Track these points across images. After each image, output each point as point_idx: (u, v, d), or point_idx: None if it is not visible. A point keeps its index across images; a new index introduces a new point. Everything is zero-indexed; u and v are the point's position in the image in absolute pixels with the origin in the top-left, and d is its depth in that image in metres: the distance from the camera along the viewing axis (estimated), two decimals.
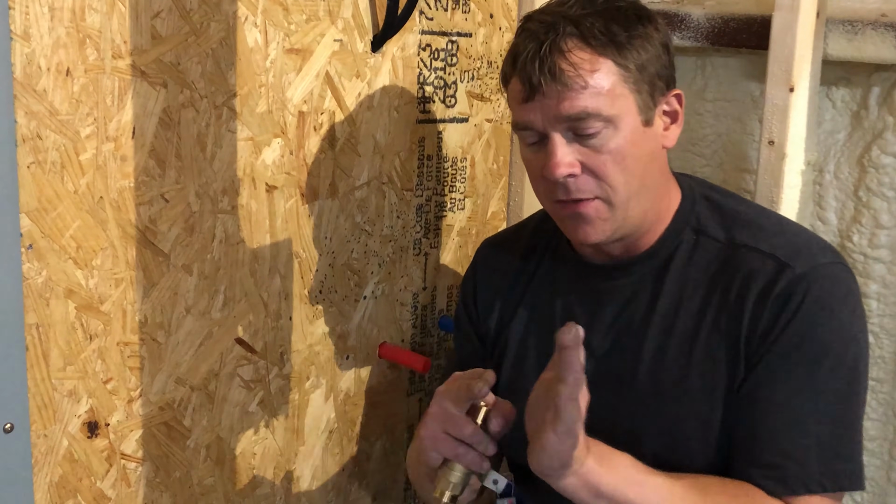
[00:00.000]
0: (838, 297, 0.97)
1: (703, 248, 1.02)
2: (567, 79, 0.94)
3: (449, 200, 1.45)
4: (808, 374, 0.95)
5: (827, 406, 0.95)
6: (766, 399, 0.96)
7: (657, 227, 1.04)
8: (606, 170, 0.96)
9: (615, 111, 0.95)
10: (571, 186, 0.97)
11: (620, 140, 0.96)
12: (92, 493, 1.06)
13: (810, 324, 0.95)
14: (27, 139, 0.93)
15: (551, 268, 1.13)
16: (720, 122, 1.45)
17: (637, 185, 0.98)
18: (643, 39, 0.98)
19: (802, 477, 0.94)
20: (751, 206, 1.09)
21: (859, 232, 1.32)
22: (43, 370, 0.99)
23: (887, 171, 1.29)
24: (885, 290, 1.31)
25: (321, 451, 1.34)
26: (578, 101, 0.94)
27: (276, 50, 1.15)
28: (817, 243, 1.03)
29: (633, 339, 1.03)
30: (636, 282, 1.04)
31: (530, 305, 1.13)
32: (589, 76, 0.94)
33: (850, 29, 1.25)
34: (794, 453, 0.95)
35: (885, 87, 1.28)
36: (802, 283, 0.96)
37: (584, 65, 0.94)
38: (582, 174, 0.97)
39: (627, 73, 0.96)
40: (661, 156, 1.02)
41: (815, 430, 0.95)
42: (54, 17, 0.93)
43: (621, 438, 1.03)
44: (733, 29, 1.35)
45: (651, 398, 1.01)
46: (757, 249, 0.99)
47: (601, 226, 0.99)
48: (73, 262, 1.00)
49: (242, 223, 1.16)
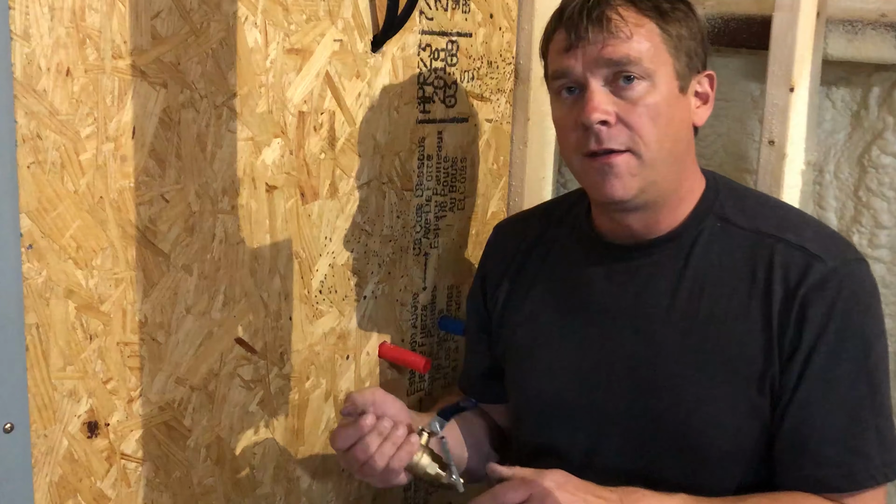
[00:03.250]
0: (870, 291, 1.00)
1: (728, 234, 1.03)
2: (613, 27, 0.97)
3: (449, 200, 1.45)
4: (858, 371, 0.97)
5: (880, 398, 0.98)
6: (823, 398, 0.97)
7: (681, 207, 1.04)
8: (641, 122, 0.98)
9: (654, 67, 0.98)
10: (604, 135, 0.98)
11: (657, 96, 0.98)
12: (92, 493, 1.06)
13: (851, 319, 0.97)
14: (27, 139, 0.93)
15: (568, 245, 1.14)
16: (720, 122, 1.45)
17: (668, 147, 0.99)
18: (684, 14, 1.01)
19: (870, 470, 0.96)
20: (771, 199, 1.12)
21: (859, 232, 1.32)
22: (43, 370, 0.99)
23: (887, 171, 1.29)
24: (885, 290, 1.31)
25: (321, 451, 1.34)
26: (622, 47, 0.97)
27: (276, 50, 1.15)
28: (841, 238, 1.05)
29: (654, 322, 1.03)
30: (656, 263, 1.05)
31: (543, 285, 1.14)
32: (633, 29, 0.98)
33: (850, 29, 1.25)
34: (859, 448, 0.96)
35: (885, 87, 1.28)
36: (835, 277, 0.97)
37: (630, 18, 0.98)
38: (616, 124, 0.98)
39: (668, 37, 0.99)
40: (690, 131, 1.04)
41: (874, 422, 0.97)
42: (54, 17, 0.94)
43: (634, 420, 1.03)
44: (733, 29, 1.36)
45: (671, 382, 1.01)
46: (784, 240, 1.00)
47: (629, 181, 0.99)
48: (73, 262, 1.00)
49: (242, 223, 1.16)
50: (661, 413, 1.01)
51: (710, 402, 0.99)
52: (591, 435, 1.06)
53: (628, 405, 1.04)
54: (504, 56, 1.49)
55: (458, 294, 1.49)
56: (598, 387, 1.06)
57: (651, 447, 1.03)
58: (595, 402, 1.06)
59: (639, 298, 1.05)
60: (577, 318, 1.09)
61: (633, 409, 1.03)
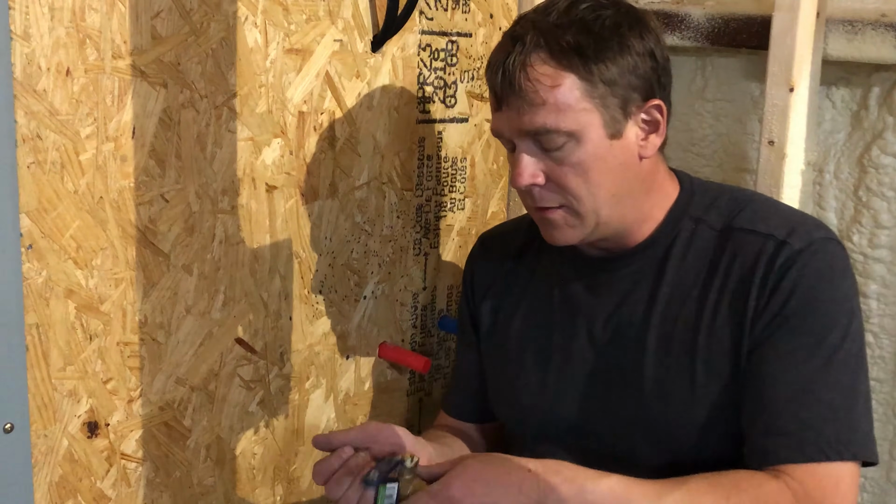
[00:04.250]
0: (837, 269, 0.98)
1: (701, 235, 1.03)
2: (526, 94, 0.96)
3: (449, 200, 1.45)
4: (816, 344, 0.95)
5: (838, 375, 0.95)
6: (778, 370, 0.95)
7: (648, 223, 1.04)
8: (568, 181, 0.98)
9: (577, 126, 0.96)
10: (536, 195, 1.00)
11: (582, 154, 0.97)
12: (92, 493, 1.06)
13: (813, 295, 0.96)
14: (27, 139, 0.93)
15: (550, 261, 1.13)
16: (720, 122, 1.45)
17: (605, 195, 0.99)
18: (617, 52, 0.97)
19: (819, 443, 0.93)
20: (747, 193, 1.10)
21: (859, 232, 1.32)
22: (43, 370, 0.99)
23: (887, 171, 1.29)
24: (885, 290, 1.31)
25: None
26: (538, 116, 0.96)
27: (276, 50, 1.15)
28: (812, 220, 1.04)
29: (636, 329, 1.03)
30: (636, 272, 1.05)
31: (530, 299, 1.14)
32: (548, 92, 0.95)
33: (850, 29, 1.25)
34: (809, 420, 0.94)
35: (885, 87, 1.28)
36: (801, 256, 0.96)
37: (545, 80, 0.95)
38: (547, 183, 0.99)
39: (593, 87, 0.96)
40: (637, 166, 1.01)
41: (828, 397, 0.94)
42: (54, 17, 0.94)
43: (625, 428, 1.03)
44: (733, 29, 1.35)
45: (656, 387, 1.01)
46: (755, 231, 1.00)
47: (570, 231, 1.01)
48: (73, 262, 1.00)
49: (242, 223, 1.16)
50: (649, 419, 1.01)
51: (696, 403, 0.99)
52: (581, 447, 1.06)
53: (614, 414, 1.04)
54: None
55: (458, 294, 1.49)
56: (586, 397, 1.06)
57: (641, 452, 1.02)
58: (584, 413, 1.06)
59: (620, 308, 1.05)
60: (563, 332, 1.09)
61: (620, 418, 1.03)
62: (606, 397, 1.05)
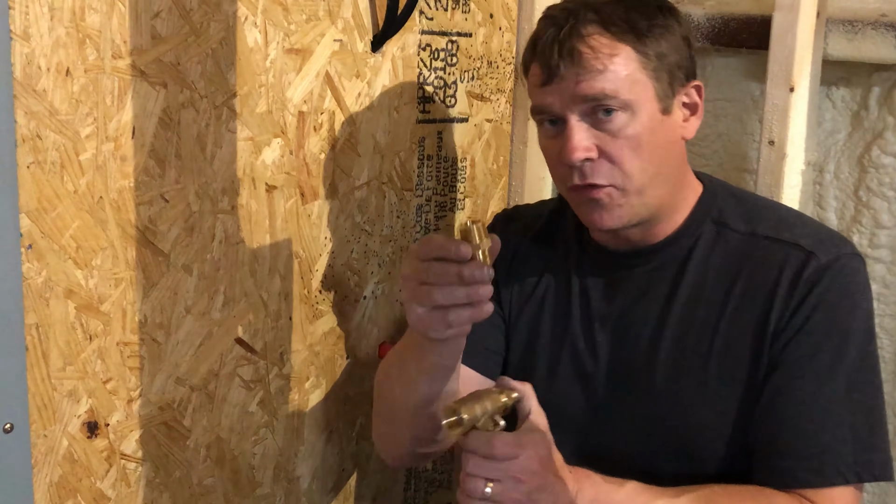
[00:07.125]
0: (861, 287, 0.99)
1: (725, 239, 1.03)
2: (585, 61, 0.95)
3: (449, 200, 1.45)
4: (838, 362, 0.95)
5: (859, 395, 0.96)
6: (797, 389, 0.95)
7: (677, 216, 1.04)
8: (623, 154, 0.97)
9: (633, 95, 0.96)
10: (587, 171, 0.98)
11: (638, 126, 0.97)
12: (92, 493, 1.06)
13: (836, 313, 0.96)
14: (27, 139, 0.93)
15: (569, 253, 1.13)
16: (720, 122, 1.45)
17: (653, 172, 0.98)
18: (663, 29, 0.99)
19: (839, 466, 0.93)
20: (769, 201, 1.11)
21: (859, 232, 1.32)
22: (43, 370, 0.99)
23: (887, 171, 1.29)
24: (885, 290, 1.31)
25: (321, 451, 1.34)
26: (596, 82, 0.95)
27: (276, 50, 1.15)
28: (838, 234, 1.04)
29: (651, 328, 1.03)
30: (654, 270, 1.05)
31: (545, 290, 1.13)
32: (608, 59, 0.95)
33: (850, 29, 1.25)
34: (830, 444, 0.94)
35: (885, 87, 1.28)
36: (828, 273, 0.97)
37: (602, 49, 0.96)
38: (598, 159, 0.97)
39: (647, 60, 0.97)
40: (679, 146, 1.03)
41: (850, 420, 0.95)
42: (54, 17, 0.93)
43: (637, 427, 1.03)
44: (733, 29, 1.36)
45: (668, 387, 1.01)
46: (780, 240, 1.00)
47: (617, 212, 0.99)
48: (73, 262, 1.00)
49: (242, 223, 1.16)
50: (659, 420, 1.01)
51: (706, 406, 0.99)
52: (592, 442, 1.06)
53: (627, 413, 1.04)
54: (504, 56, 1.49)
55: None
56: (598, 393, 1.06)
57: (650, 452, 1.02)
58: (595, 408, 1.06)
59: (637, 305, 1.05)
60: (578, 326, 1.09)
61: (633, 414, 1.03)
62: (618, 394, 1.05)
